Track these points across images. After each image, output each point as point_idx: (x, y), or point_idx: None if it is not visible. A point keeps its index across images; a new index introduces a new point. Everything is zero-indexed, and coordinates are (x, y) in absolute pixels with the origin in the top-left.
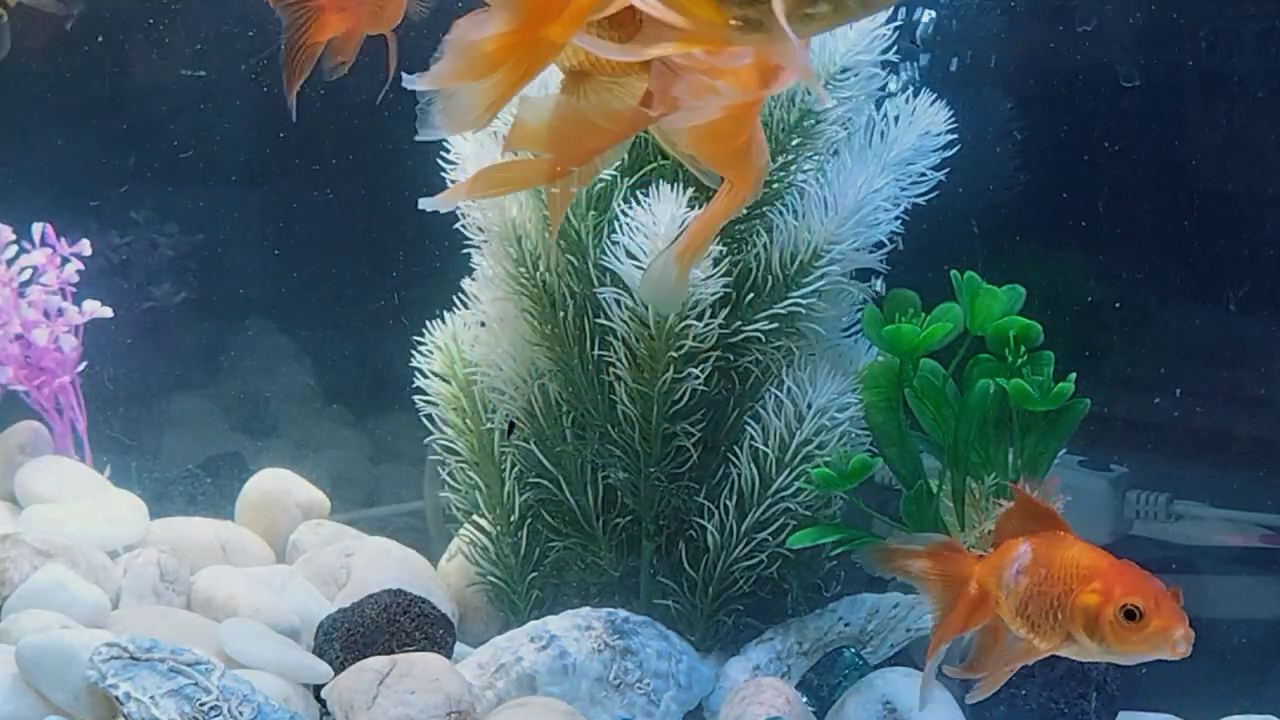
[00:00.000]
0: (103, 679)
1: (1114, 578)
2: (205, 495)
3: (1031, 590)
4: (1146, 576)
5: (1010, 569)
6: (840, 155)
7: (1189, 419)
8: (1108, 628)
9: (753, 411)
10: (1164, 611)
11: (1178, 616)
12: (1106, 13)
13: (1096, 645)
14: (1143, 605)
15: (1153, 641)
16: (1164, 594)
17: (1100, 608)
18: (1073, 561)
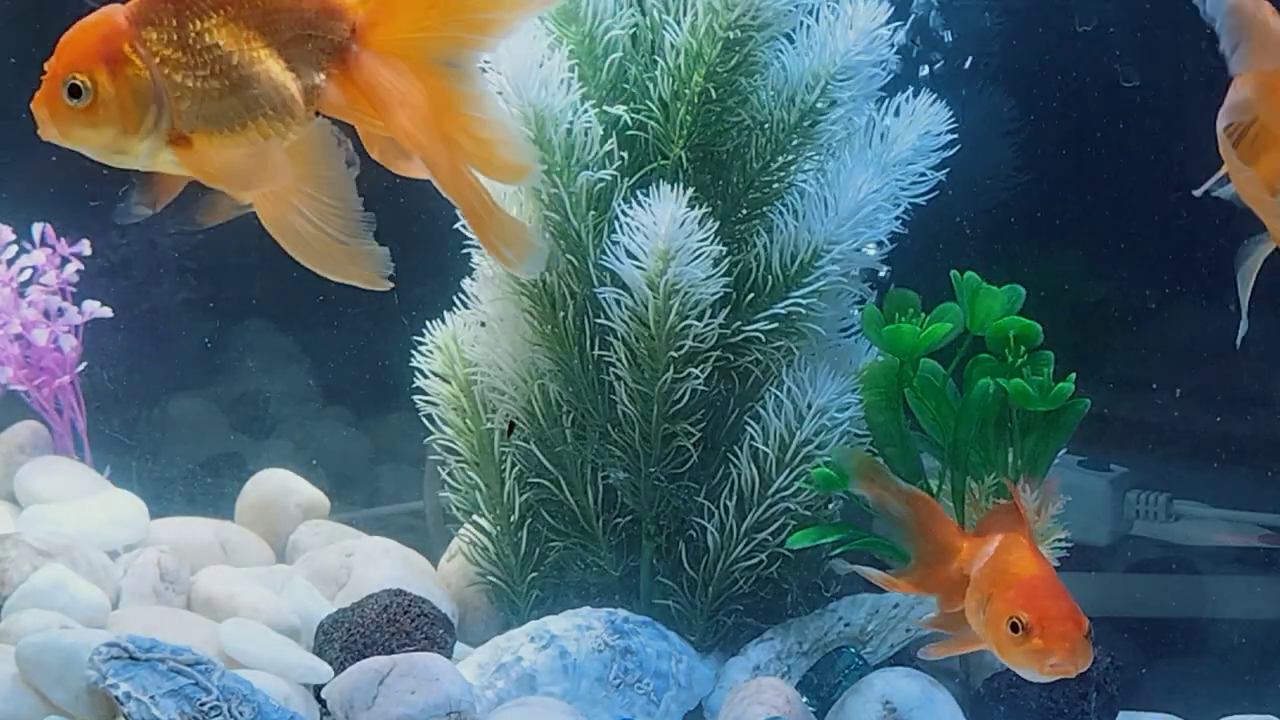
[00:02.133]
0: (103, 679)
1: (1021, 590)
2: (205, 495)
3: (976, 584)
4: (1055, 598)
5: (978, 561)
6: (840, 155)
7: (1189, 419)
8: (996, 633)
9: (753, 411)
10: (1047, 633)
11: (1059, 641)
12: (1107, 12)
13: (993, 648)
14: (1027, 621)
15: (1029, 658)
16: (1058, 618)
17: (994, 614)
18: (1008, 566)
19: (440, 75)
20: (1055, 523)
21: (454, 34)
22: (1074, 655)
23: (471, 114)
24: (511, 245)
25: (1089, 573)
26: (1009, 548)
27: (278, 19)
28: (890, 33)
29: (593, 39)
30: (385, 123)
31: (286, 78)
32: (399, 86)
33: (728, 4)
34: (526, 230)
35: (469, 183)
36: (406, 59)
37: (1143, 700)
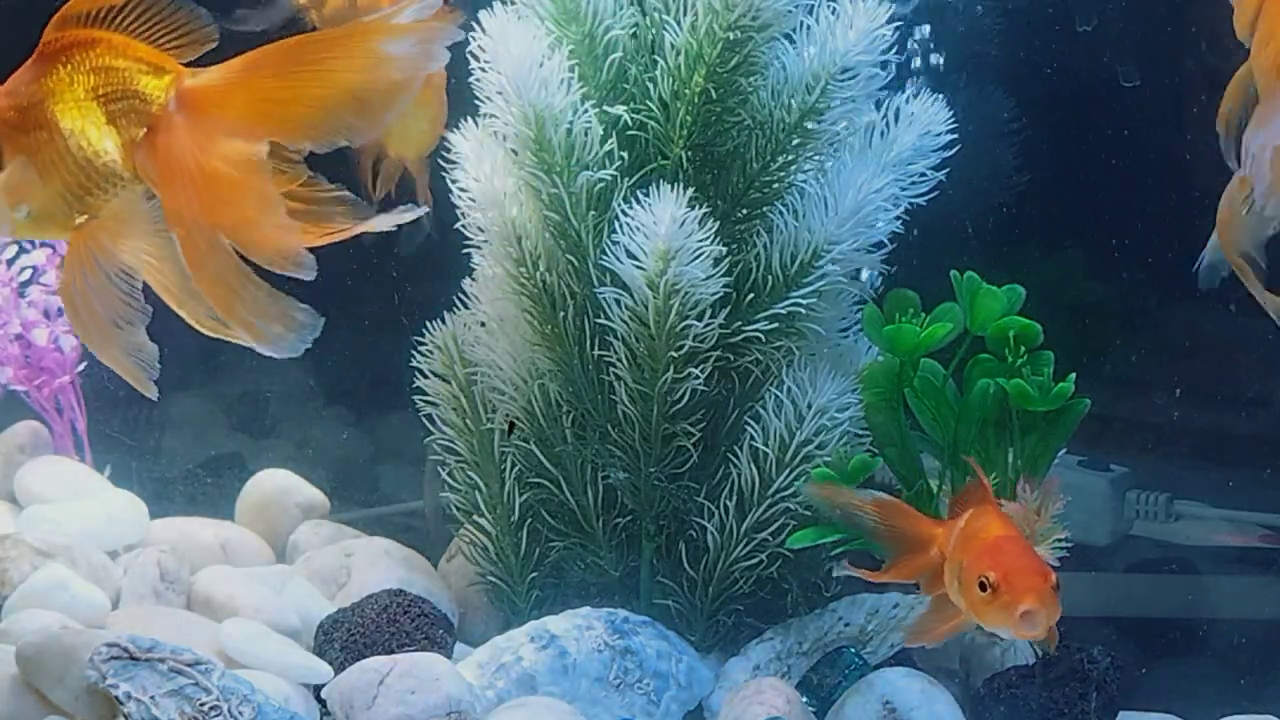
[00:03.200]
0: (103, 679)
1: (985, 551)
2: (205, 495)
3: (951, 560)
4: (1019, 555)
5: (952, 539)
6: (840, 155)
7: (1189, 419)
8: (968, 594)
9: (753, 411)
10: (1013, 586)
11: (1025, 591)
12: (1107, 12)
13: (967, 611)
14: (994, 578)
15: (1001, 614)
16: (1023, 571)
17: (966, 581)
18: (975, 534)
19: (251, 158)
20: (1055, 523)
21: (278, 124)
22: (1041, 603)
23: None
24: (272, 322)
25: (1089, 573)
26: (975, 518)
27: (106, 76)
28: (891, 32)
29: (593, 39)
30: (159, 191)
31: (106, 133)
32: (188, 160)
33: (728, 4)
34: (292, 306)
35: (226, 265)
36: (221, 134)
37: (1143, 700)
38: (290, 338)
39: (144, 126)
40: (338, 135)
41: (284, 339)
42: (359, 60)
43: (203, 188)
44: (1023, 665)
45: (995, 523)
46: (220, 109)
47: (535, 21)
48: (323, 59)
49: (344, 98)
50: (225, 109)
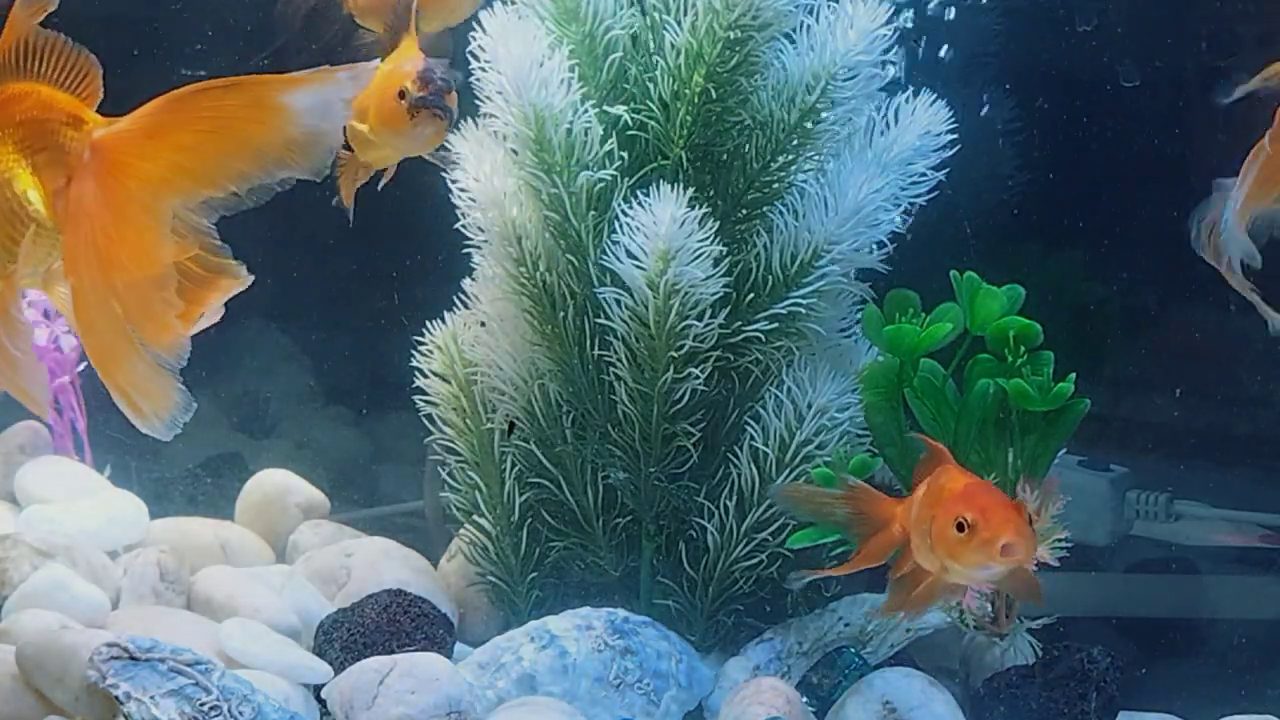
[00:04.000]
0: (103, 679)
1: (957, 497)
2: (205, 495)
3: (916, 525)
4: (990, 493)
5: (914, 506)
6: (840, 155)
7: (1189, 419)
8: (944, 542)
9: (753, 411)
10: (991, 521)
11: (1003, 525)
12: (1107, 12)
13: (943, 561)
14: (970, 517)
15: (981, 551)
16: (996, 507)
17: (939, 530)
18: (940, 488)
19: (153, 220)
20: (1055, 523)
21: (190, 179)
22: (1020, 536)
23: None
24: (147, 397)
25: (1089, 573)
26: (937, 477)
27: (32, 128)
28: (891, 33)
29: (593, 39)
30: (64, 239)
31: (31, 184)
32: (92, 211)
33: (728, 4)
34: (170, 387)
35: (113, 327)
36: (128, 186)
37: (1143, 700)
38: (162, 419)
39: (65, 177)
40: (239, 189)
41: (155, 418)
42: (256, 112)
43: (101, 241)
44: (1023, 665)
45: (957, 474)
46: (128, 159)
47: (535, 21)
48: (221, 109)
49: (243, 151)
50: (133, 160)
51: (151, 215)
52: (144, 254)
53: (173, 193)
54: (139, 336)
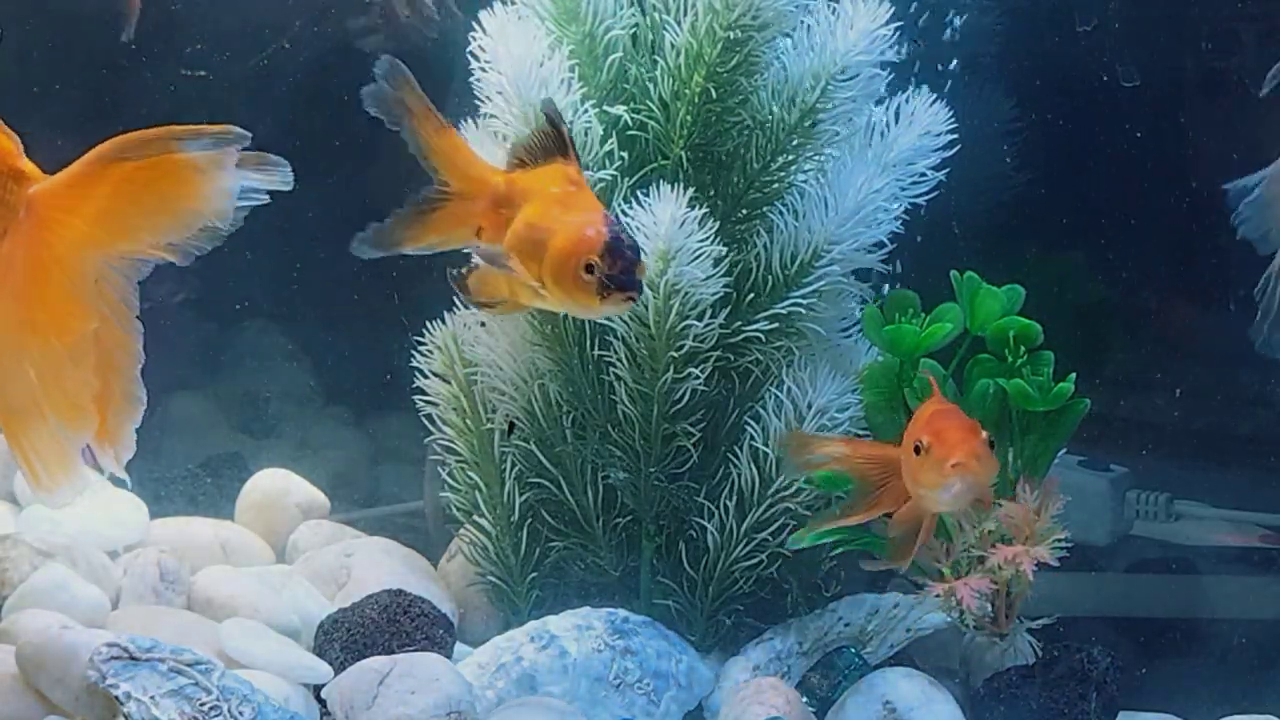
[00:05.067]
0: (103, 679)
1: (919, 422)
2: (205, 495)
3: (905, 453)
4: (950, 417)
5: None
6: (840, 155)
7: (1189, 419)
8: (908, 468)
9: (753, 411)
10: (943, 441)
11: (955, 445)
12: (1107, 13)
13: (913, 489)
14: (925, 440)
15: (933, 471)
16: (953, 428)
17: (904, 450)
18: (916, 418)
19: (82, 279)
20: (1055, 523)
21: (115, 236)
22: (971, 456)
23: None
24: (49, 467)
25: (1089, 573)
26: (918, 410)
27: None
28: (891, 33)
29: (593, 39)
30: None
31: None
32: (23, 265)
33: (728, 4)
34: (71, 463)
35: (22, 389)
36: (61, 248)
37: (1143, 700)
38: (59, 490)
39: (2, 230)
40: (158, 244)
41: (53, 487)
42: (162, 161)
43: (24, 302)
44: (1023, 665)
45: (930, 404)
46: (60, 217)
47: (535, 21)
48: (139, 165)
49: (160, 205)
50: (64, 218)
51: (76, 278)
52: (65, 319)
53: (99, 250)
54: (49, 407)
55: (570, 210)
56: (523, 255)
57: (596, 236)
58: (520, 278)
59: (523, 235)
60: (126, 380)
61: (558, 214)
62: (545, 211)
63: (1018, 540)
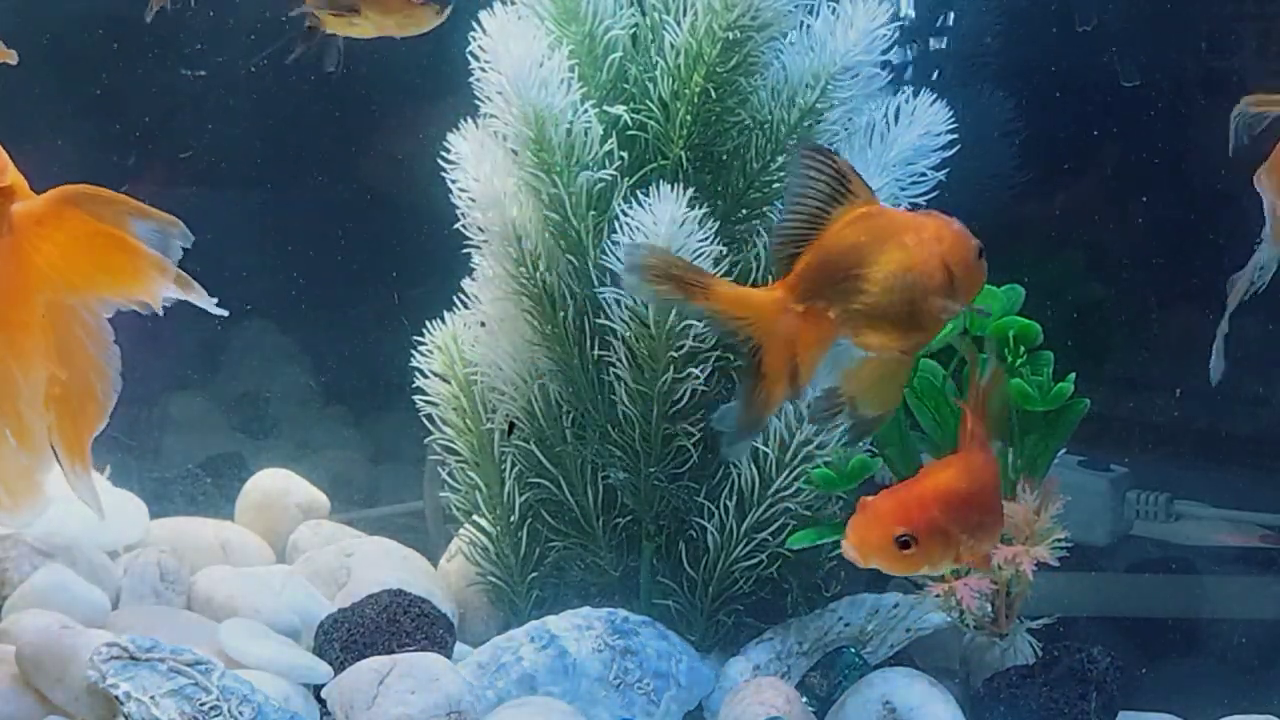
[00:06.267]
0: (103, 679)
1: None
2: (205, 495)
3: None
4: (883, 497)
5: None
6: (840, 155)
7: (1189, 419)
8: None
9: None
10: (856, 516)
11: (853, 532)
12: (1107, 13)
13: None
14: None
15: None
16: (860, 511)
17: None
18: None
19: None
20: (1055, 523)
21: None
22: (855, 545)
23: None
24: (11, 486)
25: (1089, 573)
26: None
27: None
28: (891, 33)
29: (593, 39)
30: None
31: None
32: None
33: (728, 4)
34: (34, 485)
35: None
36: (42, 262)
37: (1143, 700)
38: (22, 512)
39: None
40: (99, 294)
41: (16, 508)
42: (114, 233)
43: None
44: (1023, 665)
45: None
46: (36, 238)
47: (535, 21)
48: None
49: (105, 260)
50: (39, 239)
51: (43, 301)
52: (25, 341)
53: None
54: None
55: None
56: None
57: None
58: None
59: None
60: (100, 407)
61: None
62: None
63: (1018, 540)
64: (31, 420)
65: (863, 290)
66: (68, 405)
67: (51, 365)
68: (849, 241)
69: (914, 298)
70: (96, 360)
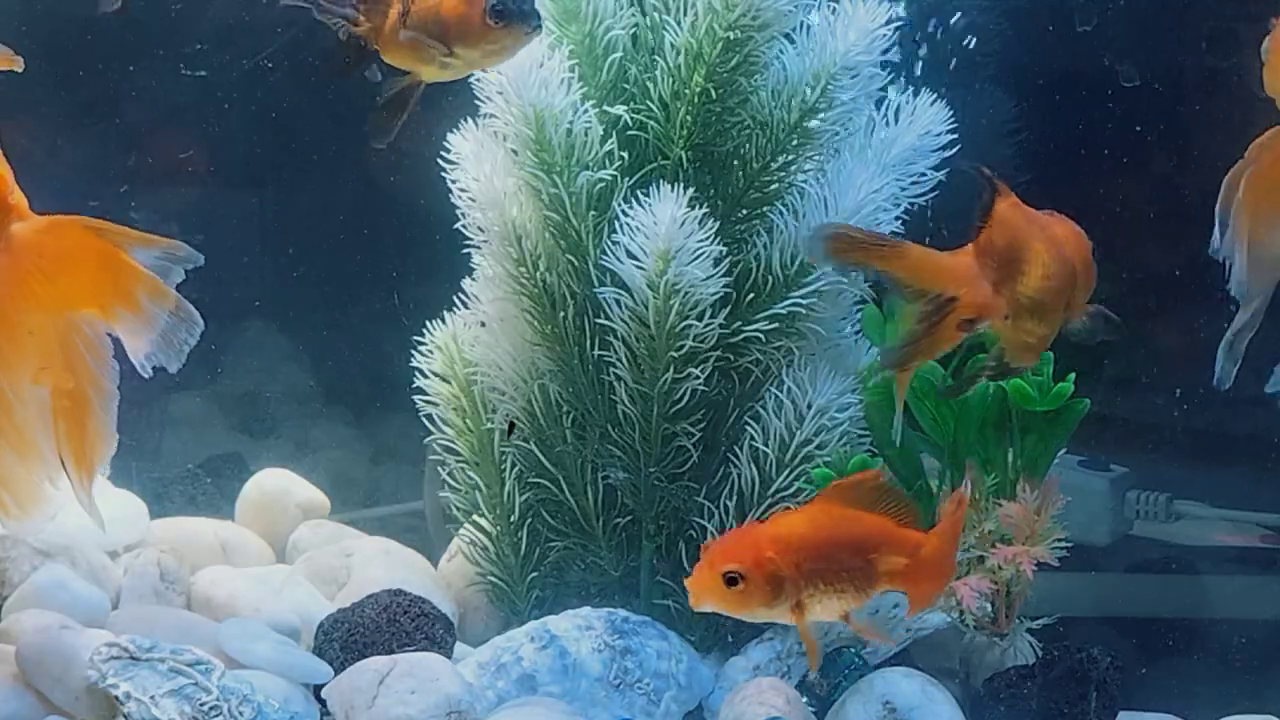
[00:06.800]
0: (103, 679)
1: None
2: (205, 495)
3: None
4: (735, 541)
5: None
6: (840, 155)
7: (1189, 419)
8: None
9: (753, 411)
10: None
11: (694, 573)
12: (1107, 13)
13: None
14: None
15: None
16: (705, 555)
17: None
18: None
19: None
20: (1055, 523)
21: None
22: (695, 590)
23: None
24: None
25: (1089, 573)
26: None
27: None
28: (891, 33)
29: (593, 39)
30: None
31: None
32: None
33: (728, 4)
34: (42, 491)
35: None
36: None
37: (1143, 700)
38: (24, 520)
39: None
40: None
41: (19, 514)
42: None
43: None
44: (1023, 665)
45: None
46: (34, 256)
47: None
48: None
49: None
50: (38, 257)
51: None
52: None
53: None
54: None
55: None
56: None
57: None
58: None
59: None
60: (100, 421)
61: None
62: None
63: (1018, 540)
64: (31, 433)
65: (1026, 276)
66: (75, 420)
67: (57, 380)
68: (1015, 235)
69: (1066, 288)
70: (97, 376)
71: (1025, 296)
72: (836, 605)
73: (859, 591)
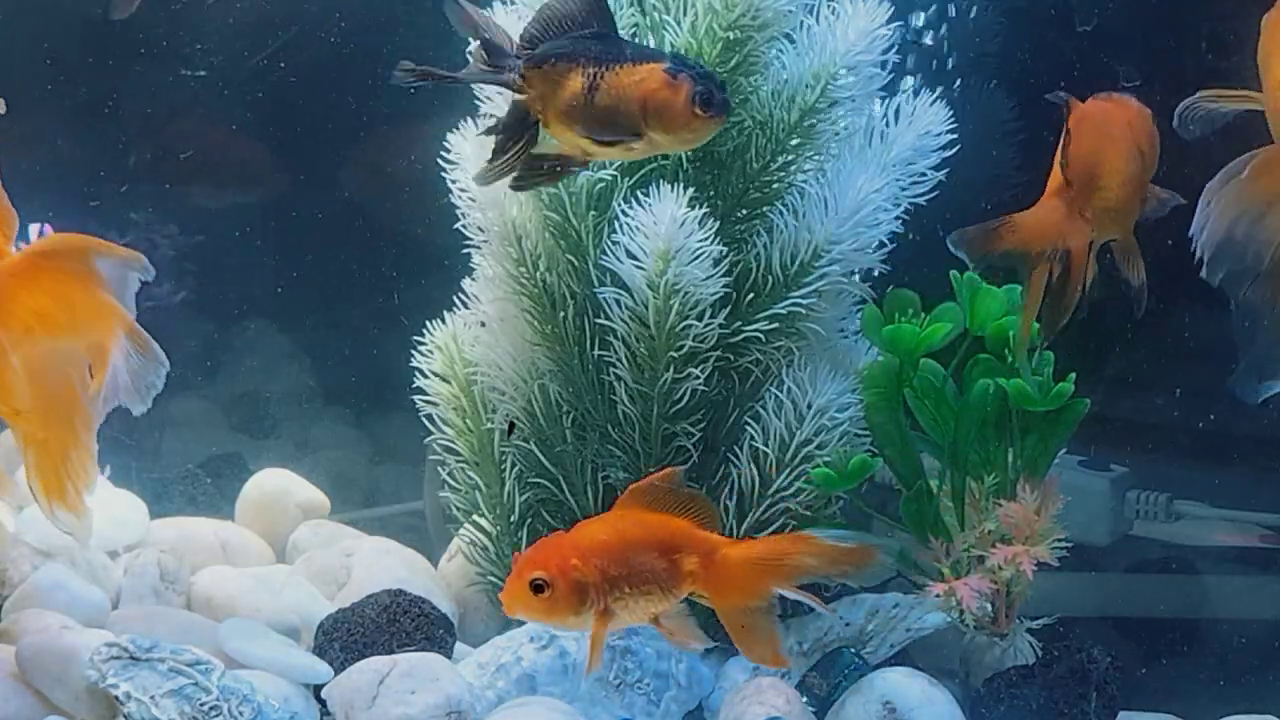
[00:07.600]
0: (103, 679)
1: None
2: (205, 495)
3: None
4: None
5: None
6: (840, 155)
7: (1189, 419)
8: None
9: (753, 411)
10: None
11: (508, 584)
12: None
13: None
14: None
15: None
16: (520, 566)
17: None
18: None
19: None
20: (1055, 523)
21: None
22: (508, 602)
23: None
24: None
25: (1089, 573)
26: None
27: None
28: (891, 32)
29: None
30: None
31: None
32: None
33: (728, 4)
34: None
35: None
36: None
37: (1143, 700)
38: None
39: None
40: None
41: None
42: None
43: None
44: (1023, 665)
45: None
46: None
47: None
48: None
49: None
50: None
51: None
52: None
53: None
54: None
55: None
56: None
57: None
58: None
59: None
60: (82, 449)
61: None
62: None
63: (1017, 540)
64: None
65: (1105, 188)
66: (47, 449)
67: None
68: (1089, 149)
69: (1143, 183)
70: (79, 405)
71: (1108, 210)
72: (644, 608)
73: (665, 594)
